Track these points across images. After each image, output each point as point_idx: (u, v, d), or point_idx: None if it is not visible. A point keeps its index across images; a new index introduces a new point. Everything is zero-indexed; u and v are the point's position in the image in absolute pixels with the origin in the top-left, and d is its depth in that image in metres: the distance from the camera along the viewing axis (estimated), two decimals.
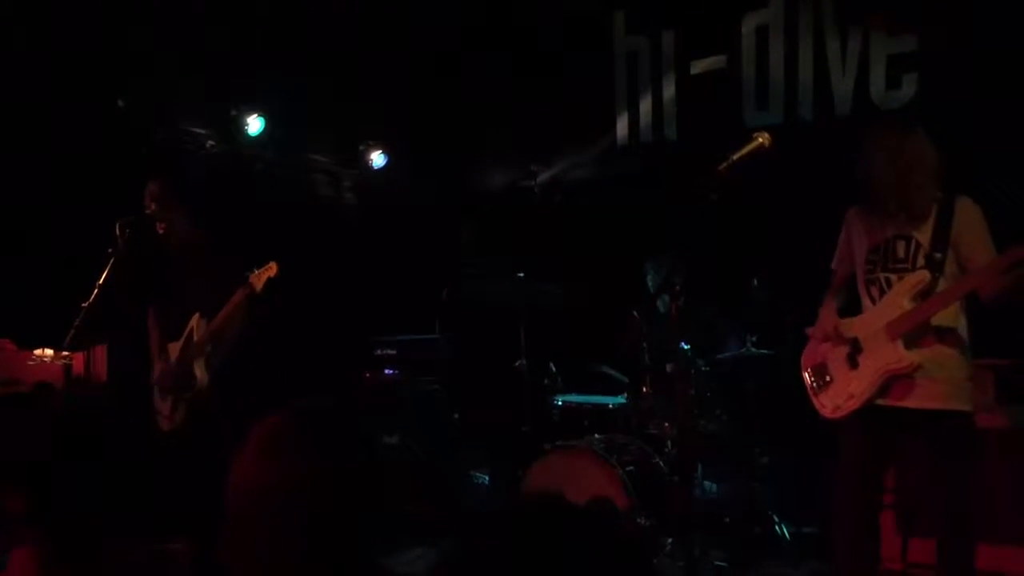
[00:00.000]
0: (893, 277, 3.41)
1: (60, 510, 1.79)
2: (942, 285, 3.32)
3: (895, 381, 3.35)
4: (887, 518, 4.28)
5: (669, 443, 5.11)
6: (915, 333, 3.33)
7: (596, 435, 5.19)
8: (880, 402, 3.39)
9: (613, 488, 4.68)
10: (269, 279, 4.24)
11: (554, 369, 5.67)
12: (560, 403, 5.55)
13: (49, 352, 4.37)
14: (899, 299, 3.37)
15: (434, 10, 7.05)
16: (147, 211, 4.37)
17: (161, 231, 4.42)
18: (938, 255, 3.32)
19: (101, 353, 4.82)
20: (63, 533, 1.79)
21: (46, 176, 5.23)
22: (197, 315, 4.32)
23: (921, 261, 3.36)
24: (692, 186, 3.18)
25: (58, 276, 4.80)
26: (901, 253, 3.41)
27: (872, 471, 3.46)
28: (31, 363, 4.38)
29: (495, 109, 7.14)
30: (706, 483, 5.28)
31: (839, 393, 3.51)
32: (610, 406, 5.48)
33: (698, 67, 6.51)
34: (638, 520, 4.64)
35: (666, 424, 5.17)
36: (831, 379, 3.56)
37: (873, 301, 3.48)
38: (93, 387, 4.64)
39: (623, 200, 6.53)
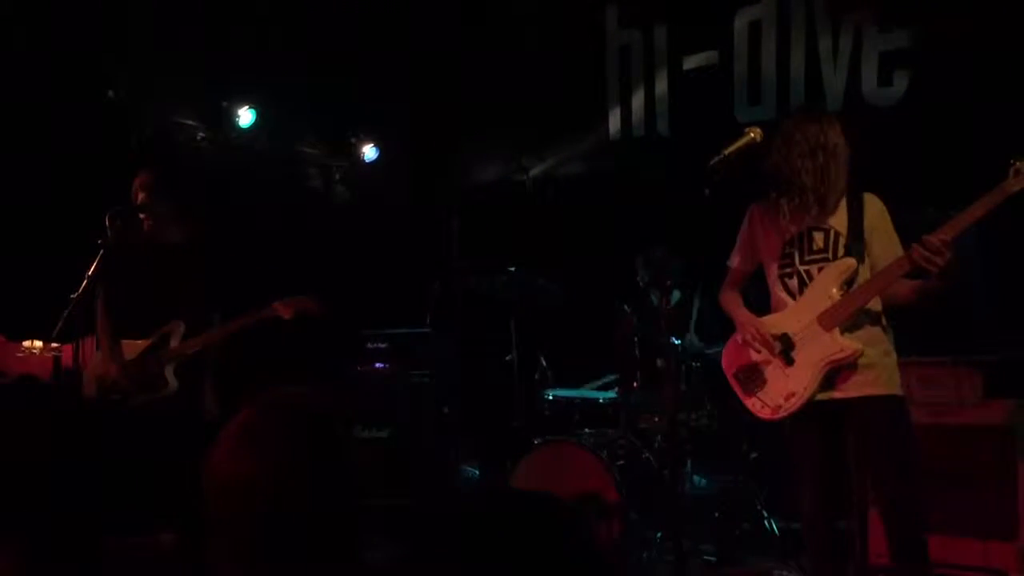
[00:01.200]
0: (813, 269, 3.37)
1: (48, 507, 1.78)
2: (863, 273, 3.31)
3: (837, 372, 3.31)
4: (876, 513, 4.29)
5: (659, 438, 5.12)
6: (849, 322, 3.30)
7: (586, 429, 5.20)
8: (821, 397, 3.34)
9: (603, 482, 4.69)
10: (303, 310, 4.27)
11: (544, 363, 5.67)
12: (550, 397, 5.55)
13: (38, 344, 4.34)
14: (827, 289, 3.33)
15: (427, 3, 7.03)
16: (136, 203, 4.33)
17: (145, 223, 4.37)
18: (858, 244, 3.31)
19: (90, 345, 4.79)
20: (53, 529, 1.77)
21: (34, 168, 5.20)
22: (179, 323, 4.30)
23: (841, 251, 3.33)
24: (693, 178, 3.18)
25: (47, 268, 4.77)
26: (820, 244, 3.37)
27: (827, 470, 3.39)
28: (20, 355, 4.35)
29: (487, 103, 7.13)
30: (695, 478, 5.29)
31: (778, 393, 3.42)
32: (600, 400, 5.49)
33: (690, 62, 6.51)
34: (627, 514, 4.65)
35: (656, 419, 5.18)
36: (765, 380, 3.48)
37: (791, 294, 3.42)
38: (82, 378, 4.61)
39: (615, 195, 6.53)
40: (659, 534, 4.82)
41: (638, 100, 6.75)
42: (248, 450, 1.43)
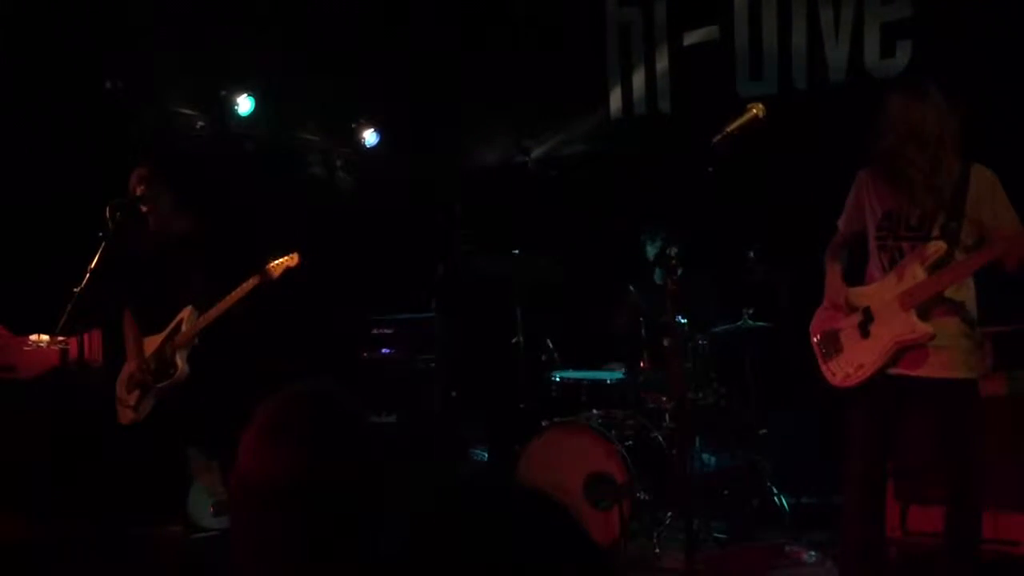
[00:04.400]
0: (906, 245, 3.35)
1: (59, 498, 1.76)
2: (957, 256, 3.28)
3: (906, 351, 3.32)
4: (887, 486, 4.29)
5: (667, 417, 5.11)
6: (927, 304, 3.29)
7: (594, 410, 5.19)
8: (891, 371, 3.36)
9: (612, 463, 4.69)
10: (288, 268, 4.24)
11: (551, 345, 5.66)
12: (558, 379, 5.54)
13: (44, 338, 4.35)
14: (913, 269, 3.31)
15: None
16: (135, 194, 4.32)
17: (151, 218, 4.36)
18: (953, 224, 3.26)
19: (96, 337, 4.80)
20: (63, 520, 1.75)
21: (35, 161, 5.18)
22: (189, 308, 4.30)
23: (936, 231, 3.29)
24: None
25: (50, 261, 4.77)
26: (915, 221, 3.34)
27: (881, 440, 3.43)
28: (27, 348, 4.36)
29: (488, 84, 7.09)
30: (704, 456, 5.29)
31: (849, 362, 3.47)
32: (608, 381, 5.47)
33: (691, 38, 6.45)
34: (637, 494, 4.65)
35: (664, 398, 5.17)
36: (841, 348, 3.51)
37: (884, 268, 3.42)
38: (89, 371, 4.62)
39: (618, 173, 6.50)
40: (669, 513, 4.82)
41: (639, 78, 6.71)
42: (276, 447, 1.38)
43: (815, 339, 3.66)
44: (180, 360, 4.27)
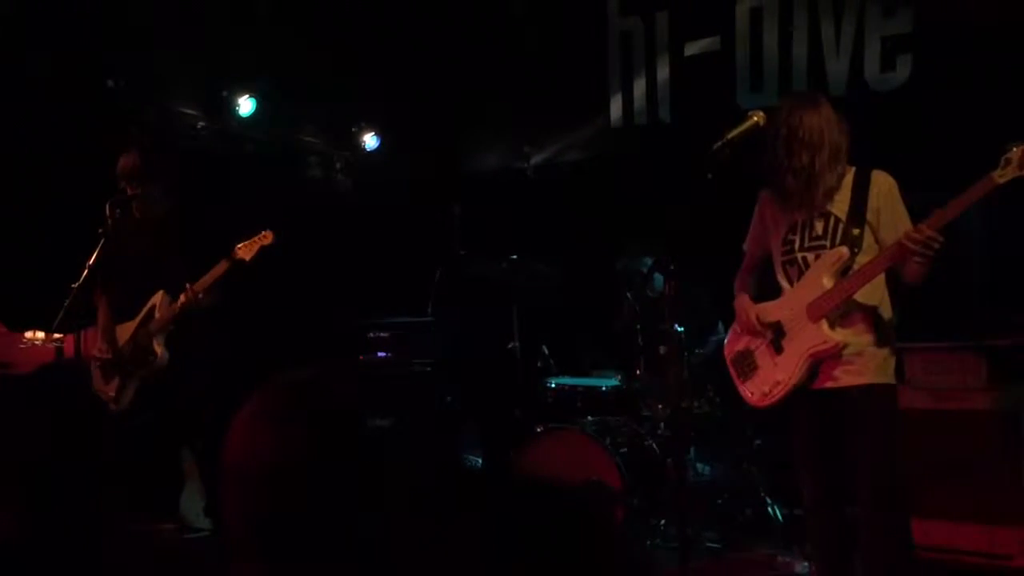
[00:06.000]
0: (811, 256, 3.31)
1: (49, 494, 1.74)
2: (860, 261, 3.23)
3: (822, 363, 3.28)
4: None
5: (662, 425, 5.12)
6: (838, 312, 3.25)
7: (589, 417, 5.20)
8: (816, 387, 3.31)
9: (606, 470, 4.69)
10: (262, 248, 4.19)
11: (547, 351, 5.66)
12: (553, 385, 5.54)
13: (40, 335, 4.34)
14: (819, 278, 3.27)
15: None
16: (120, 186, 4.29)
17: (136, 208, 4.33)
18: (855, 230, 3.24)
19: (93, 335, 4.80)
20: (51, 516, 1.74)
21: (34, 158, 5.18)
22: (161, 292, 4.24)
23: (840, 237, 3.27)
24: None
25: (48, 258, 4.76)
26: (819, 230, 3.31)
27: (825, 463, 3.36)
28: (22, 346, 4.35)
29: (489, 90, 7.11)
30: (699, 465, 5.28)
31: (765, 380, 3.42)
32: (603, 388, 5.47)
33: (692, 48, 6.47)
34: (631, 502, 4.65)
35: (659, 406, 5.17)
36: (756, 366, 3.47)
37: (791, 282, 3.38)
38: (84, 369, 4.61)
39: (617, 181, 6.51)
40: (662, 521, 4.82)
41: (640, 87, 6.72)
42: (265, 433, 1.34)
43: (729, 360, 3.61)
44: (158, 346, 4.22)
